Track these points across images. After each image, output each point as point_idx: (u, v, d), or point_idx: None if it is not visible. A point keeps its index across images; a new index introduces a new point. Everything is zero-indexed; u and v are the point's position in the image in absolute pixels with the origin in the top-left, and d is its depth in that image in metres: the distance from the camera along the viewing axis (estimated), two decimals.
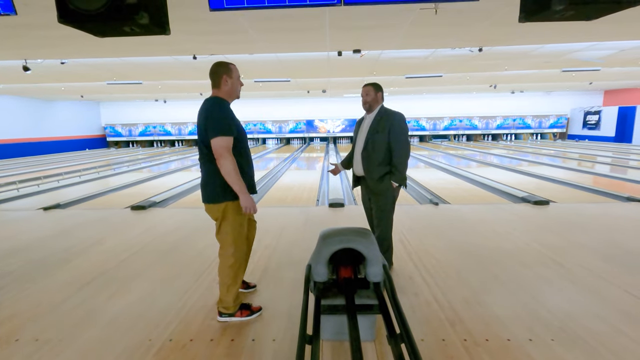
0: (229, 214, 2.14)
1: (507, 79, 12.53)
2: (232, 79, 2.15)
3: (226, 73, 2.13)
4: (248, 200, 2.10)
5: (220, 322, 2.21)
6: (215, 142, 2.01)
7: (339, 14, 4.46)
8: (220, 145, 2.00)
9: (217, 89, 2.16)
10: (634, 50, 7.62)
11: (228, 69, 2.15)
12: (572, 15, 2.02)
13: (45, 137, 16.68)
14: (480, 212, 4.68)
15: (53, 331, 2.16)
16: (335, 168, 3.05)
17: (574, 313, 2.23)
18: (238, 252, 2.20)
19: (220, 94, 2.16)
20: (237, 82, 2.20)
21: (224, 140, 2.01)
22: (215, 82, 2.15)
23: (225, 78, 2.13)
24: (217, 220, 2.18)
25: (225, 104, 2.13)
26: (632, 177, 7.42)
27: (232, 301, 2.20)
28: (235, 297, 2.22)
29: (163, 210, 5.34)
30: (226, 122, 2.05)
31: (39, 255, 3.46)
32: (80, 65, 8.09)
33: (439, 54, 7.75)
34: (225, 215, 2.14)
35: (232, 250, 2.17)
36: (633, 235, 3.70)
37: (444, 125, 19.75)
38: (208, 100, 2.13)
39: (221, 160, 2.01)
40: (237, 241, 2.18)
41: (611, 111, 16.97)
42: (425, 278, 2.77)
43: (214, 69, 2.15)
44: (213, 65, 2.16)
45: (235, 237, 2.17)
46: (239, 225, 2.18)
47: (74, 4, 1.94)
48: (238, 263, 2.20)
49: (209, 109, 2.08)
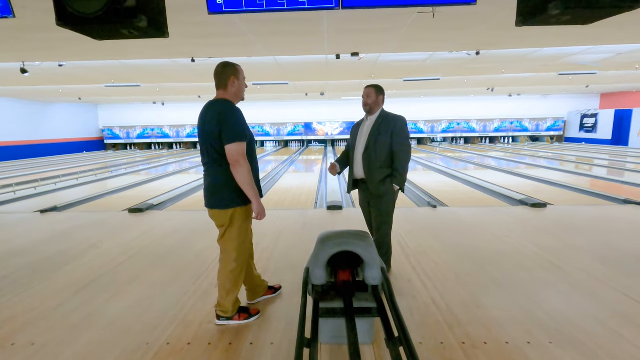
0: (236, 220, 2.10)
1: (504, 82, 12.60)
2: (239, 81, 2.09)
3: (234, 74, 2.07)
4: (261, 207, 2.08)
5: (218, 326, 2.20)
6: (231, 148, 1.95)
7: (337, 17, 4.48)
8: (236, 151, 1.95)
9: (223, 91, 2.09)
10: (630, 53, 7.68)
11: (235, 69, 2.08)
12: (569, 19, 2.03)
13: (42, 140, 16.61)
14: (478, 215, 4.69)
15: (49, 335, 2.14)
16: (334, 167, 2.90)
17: (571, 315, 2.23)
18: (241, 258, 2.18)
19: (226, 95, 2.08)
20: (244, 84, 2.15)
21: (240, 145, 1.96)
22: (222, 83, 2.08)
23: (232, 79, 2.07)
24: (224, 226, 2.13)
25: (237, 108, 2.06)
26: (629, 179, 7.46)
27: (230, 305, 2.17)
28: (235, 301, 2.20)
29: (161, 213, 5.32)
30: (241, 128, 2.00)
31: (36, 258, 3.44)
32: (78, 68, 8.08)
33: (436, 57, 7.79)
34: (233, 222, 2.10)
35: (234, 255, 2.15)
36: (630, 237, 3.72)
37: (442, 128, 19.82)
38: (218, 104, 2.05)
39: (237, 167, 1.97)
40: (241, 247, 2.16)
41: (608, 114, 17.07)
42: (424, 281, 2.77)
43: (220, 69, 2.07)
44: (219, 66, 2.08)
45: (240, 243, 2.15)
46: (245, 231, 2.17)
47: (72, 7, 1.94)
48: (240, 268, 2.18)
49: (222, 113, 1.99)
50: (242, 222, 2.13)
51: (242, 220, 2.13)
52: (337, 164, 2.88)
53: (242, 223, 2.13)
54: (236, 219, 2.10)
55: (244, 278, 2.26)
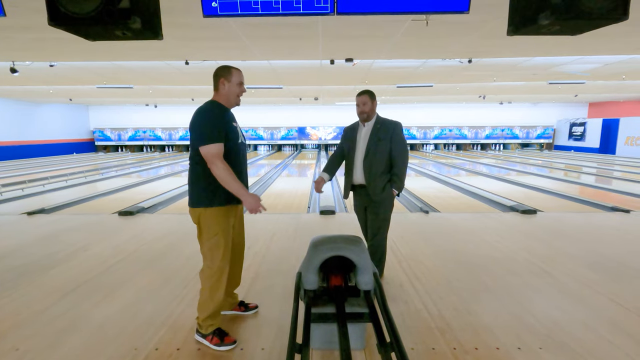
0: (203, 222, 2.02)
1: (495, 90, 12.80)
2: (230, 83, 2.06)
3: (224, 76, 2.06)
4: (251, 201, 1.97)
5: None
6: (204, 151, 1.92)
7: (332, 23, 4.51)
8: (209, 153, 1.92)
9: (215, 92, 2.10)
10: (617, 64, 7.87)
11: (227, 71, 2.07)
12: (558, 30, 2.08)
13: (31, 141, 16.33)
14: (470, 221, 4.73)
15: (34, 340, 2.09)
16: (320, 183, 2.72)
17: (561, 321, 2.25)
18: (215, 263, 2.02)
19: (217, 97, 2.09)
20: (236, 88, 2.10)
21: (211, 147, 1.92)
22: (214, 84, 2.09)
23: (222, 81, 2.06)
24: (196, 225, 2.08)
25: (216, 109, 2.02)
26: (616, 187, 7.61)
27: (203, 317, 2.02)
28: (209, 316, 2.02)
29: (152, 216, 5.26)
30: (212, 129, 1.94)
31: (21, 261, 3.36)
32: (69, 68, 7.99)
33: (429, 65, 7.89)
34: (200, 223, 2.03)
35: (208, 258, 2.04)
36: (618, 244, 3.78)
37: (434, 135, 20.01)
38: (202, 105, 2.05)
39: (213, 168, 1.92)
40: (213, 252, 2.02)
41: (596, 123, 17.43)
42: (416, 286, 2.78)
43: (215, 71, 2.09)
44: (216, 68, 2.11)
45: (211, 247, 2.02)
46: (214, 236, 2.01)
47: (65, 6, 1.91)
48: (215, 277, 2.02)
49: (197, 114, 2.00)
50: (209, 225, 2.01)
51: (208, 224, 2.01)
52: (326, 174, 2.78)
53: (210, 227, 2.01)
54: (203, 221, 2.02)
55: (223, 289, 2.05)
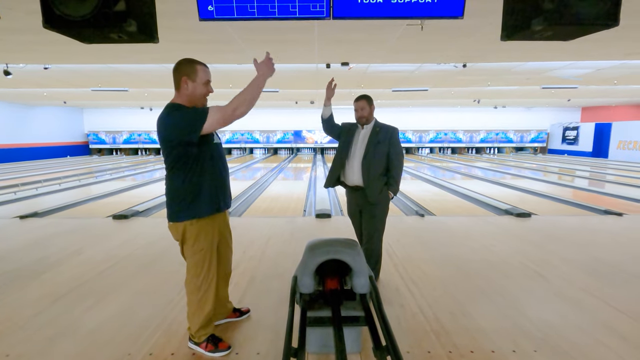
0: (188, 236, 1.87)
1: (490, 94, 12.91)
2: (195, 83, 1.80)
3: (186, 74, 1.79)
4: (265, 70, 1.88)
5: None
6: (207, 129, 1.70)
7: (328, 27, 4.54)
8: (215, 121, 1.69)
9: (177, 92, 1.82)
10: (609, 69, 7.98)
11: (191, 69, 1.79)
12: (551, 35, 2.11)
13: (24, 144, 16.16)
14: (465, 224, 4.75)
15: (25, 346, 2.06)
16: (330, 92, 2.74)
17: (556, 325, 2.26)
18: (203, 275, 1.92)
19: (179, 99, 1.82)
20: (202, 87, 1.83)
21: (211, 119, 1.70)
22: (175, 82, 1.81)
23: (185, 80, 1.79)
24: (179, 241, 1.93)
25: (182, 106, 1.80)
26: (609, 190, 7.68)
27: (195, 328, 1.96)
28: (201, 326, 1.96)
29: (146, 219, 5.22)
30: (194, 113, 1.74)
31: (12, 265, 3.32)
32: (64, 71, 7.94)
33: (425, 69, 7.95)
34: (185, 238, 1.88)
35: (193, 272, 1.93)
36: (611, 247, 3.81)
37: (430, 138, 20.13)
38: (163, 111, 1.79)
39: (234, 113, 1.71)
40: (197, 268, 1.91)
41: (588, 127, 17.63)
42: (411, 289, 2.78)
43: (175, 66, 1.80)
44: (177, 62, 1.81)
45: (197, 262, 1.90)
46: (200, 251, 1.89)
47: (60, 9, 1.90)
48: (202, 290, 1.93)
49: (165, 117, 1.76)
50: (196, 238, 1.86)
51: (195, 237, 1.86)
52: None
53: (196, 241, 1.87)
54: (188, 235, 1.86)
55: (212, 300, 1.97)
